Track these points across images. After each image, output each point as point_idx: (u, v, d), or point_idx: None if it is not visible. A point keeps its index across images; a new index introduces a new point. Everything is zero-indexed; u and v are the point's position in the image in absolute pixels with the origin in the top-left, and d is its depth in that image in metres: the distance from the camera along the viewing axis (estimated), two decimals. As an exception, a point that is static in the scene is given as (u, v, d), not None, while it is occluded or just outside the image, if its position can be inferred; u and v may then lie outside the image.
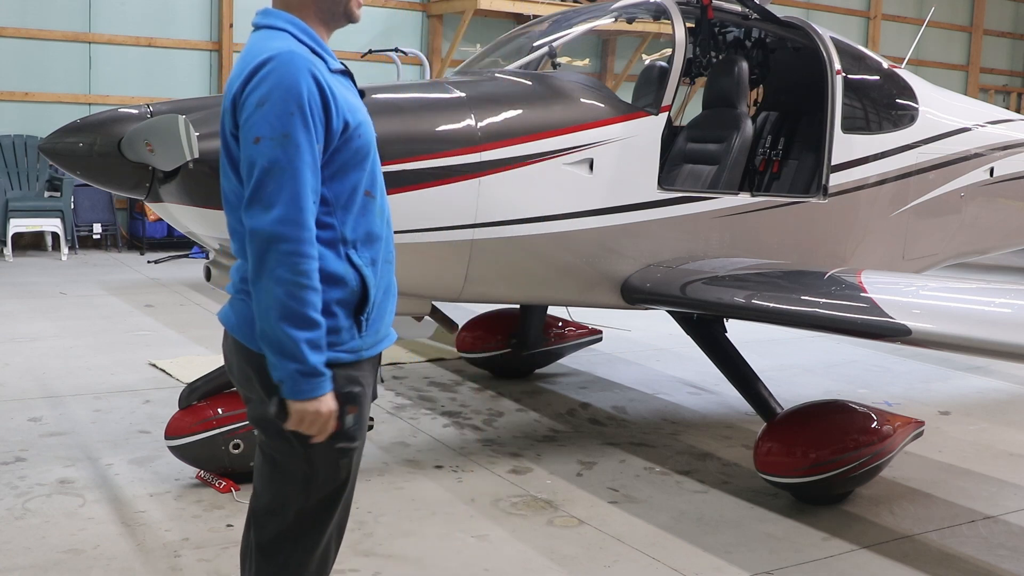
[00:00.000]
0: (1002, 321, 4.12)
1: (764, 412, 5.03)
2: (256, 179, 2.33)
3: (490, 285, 5.00)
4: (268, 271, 2.32)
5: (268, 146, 2.32)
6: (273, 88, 2.34)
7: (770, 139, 6.62)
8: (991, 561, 4.31)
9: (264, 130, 2.33)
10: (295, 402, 2.39)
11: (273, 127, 2.33)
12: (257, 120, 2.34)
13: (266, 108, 2.33)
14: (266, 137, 2.32)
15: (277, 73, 2.35)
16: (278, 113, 2.33)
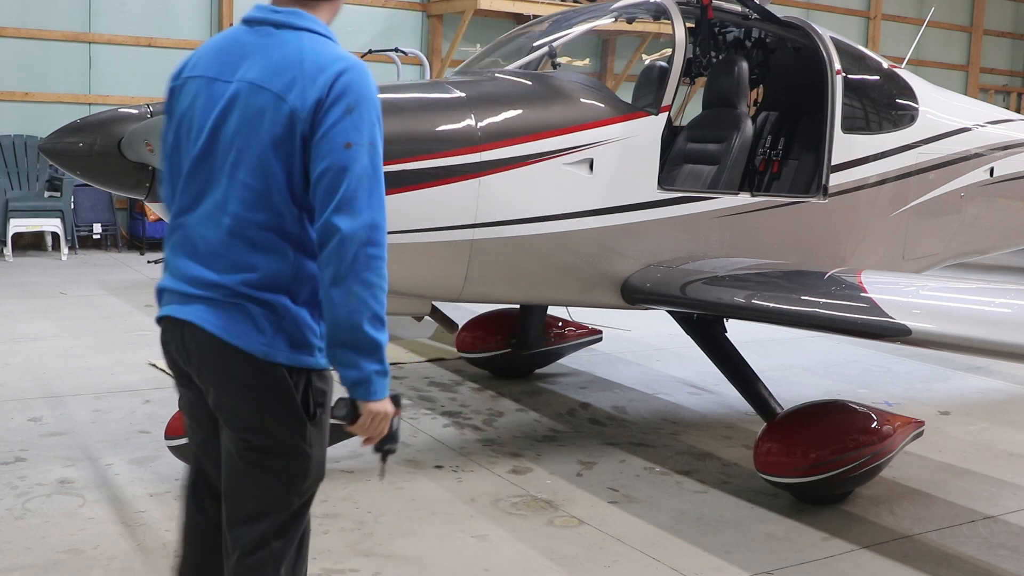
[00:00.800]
0: (1002, 321, 4.12)
1: (764, 412, 5.03)
2: (348, 184, 2.36)
3: (490, 285, 5.00)
4: (356, 274, 2.35)
5: (359, 152, 2.37)
6: (361, 97, 2.39)
7: (770, 139, 6.62)
8: (991, 561, 4.31)
9: (354, 136, 2.37)
10: (370, 403, 2.45)
11: (362, 134, 2.38)
12: (347, 126, 2.37)
13: (355, 115, 2.38)
14: (356, 144, 2.36)
15: (361, 83, 2.41)
16: (366, 121, 2.40)
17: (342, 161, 2.36)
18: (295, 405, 2.51)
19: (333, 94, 2.38)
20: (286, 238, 2.46)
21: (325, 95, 2.38)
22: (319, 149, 2.38)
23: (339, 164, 2.36)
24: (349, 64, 2.42)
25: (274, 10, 2.51)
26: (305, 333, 2.50)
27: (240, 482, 2.60)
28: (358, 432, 2.51)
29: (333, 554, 4.06)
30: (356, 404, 2.46)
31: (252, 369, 2.47)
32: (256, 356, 2.46)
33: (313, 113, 2.38)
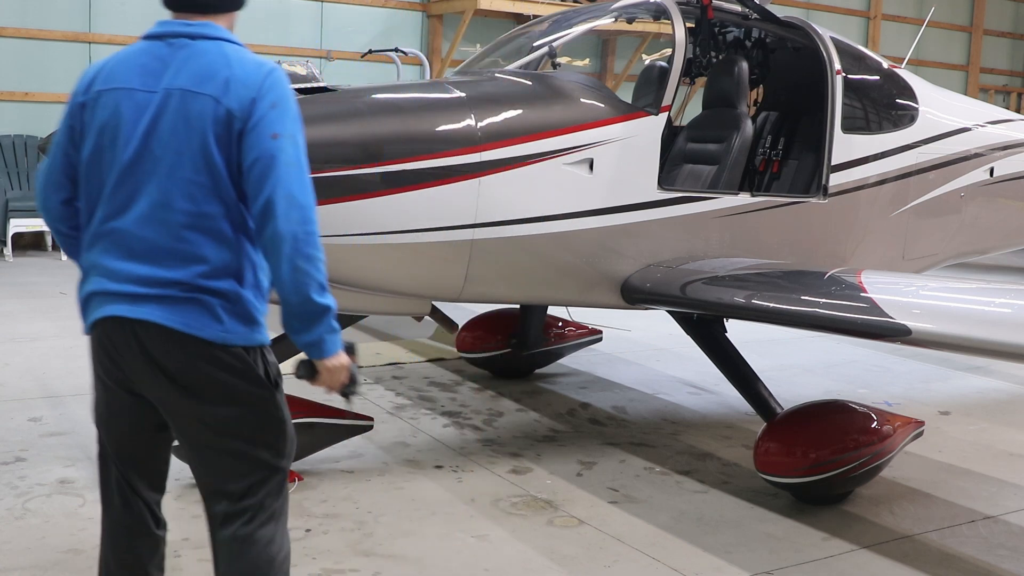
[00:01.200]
0: (1002, 321, 4.12)
1: (764, 412, 5.03)
2: (278, 170, 2.62)
3: (490, 285, 5.00)
4: (299, 251, 2.61)
5: (285, 142, 2.64)
6: (283, 95, 2.68)
7: (770, 139, 6.62)
8: (991, 561, 4.31)
9: (280, 128, 2.64)
10: (325, 360, 2.73)
11: (286, 126, 2.66)
12: (273, 119, 2.64)
13: (279, 110, 2.65)
14: (282, 134, 2.64)
15: (282, 83, 2.70)
16: (289, 115, 2.68)
17: (271, 150, 2.62)
18: (261, 379, 2.75)
19: (262, 93, 2.64)
20: (233, 226, 2.68)
21: (256, 95, 2.64)
22: (249, 141, 2.63)
23: (268, 153, 2.62)
24: (271, 67, 2.72)
25: (185, 24, 2.73)
26: (254, 313, 2.74)
27: (226, 465, 2.78)
28: (322, 386, 2.79)
29: (333, 554, 4.06)
30: (314, 363, 2.74)
31: (216, 355, 2.68)
32: (216, 343, 2.67)
33: (247, 110, 2.63)
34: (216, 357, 2.69)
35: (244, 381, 2.73)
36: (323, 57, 13.77)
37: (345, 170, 4.40)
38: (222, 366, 2.70)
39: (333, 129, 4.49)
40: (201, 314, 2.66)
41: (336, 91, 4.73)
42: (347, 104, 4.70)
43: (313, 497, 4.65)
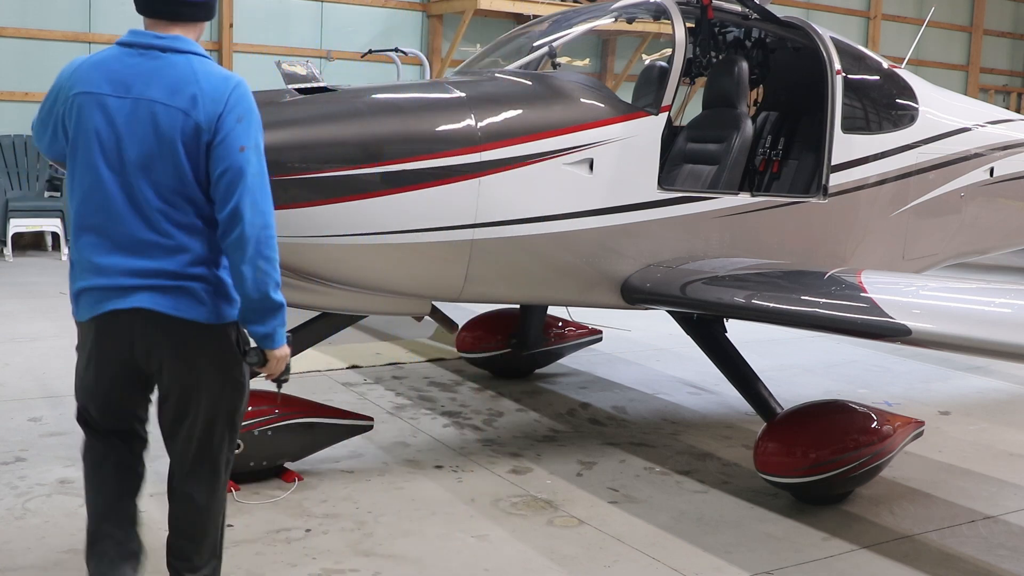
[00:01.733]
0: (1002, 321, 4.12)
1: (764, 412, 5.03)
2: (245, 181, 2.91)
3: (490, 285, 5.00)
4: (259, 253, 2.93)
5: (250, 154, 2.93)
6: (248, 109, 2.96)
7: (770, 139, 6.61)
8: (991, 561, 4.31)
9: (245, 141, 2.92)
10: (274, 350, 3.11)
11: (251, 139, 2.94)
12: (240, 133, 2.92)
13: (244, 124, 2.93)
14: (248, 147, 2.92)
15: (247, 97, 2.97)
16: (254, 128, 2.97)
17: (239, 163, 2.91)
18: (235, 351, 3.13)
19: (228, 107, 2.91)
20: (205, 221, 2.98)
21: (223, 109, 2.90)
22: (218, 153, 2.90)
23: (236, 165, 2.91)
24: (237, 82, 2.97)
25: (157, 36, 2.97)
26: (229, 293, 3.06)
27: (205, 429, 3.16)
28: (266, 372, 3.18)
29: (333, 554, 4.06)
30: (264, 352, 3.12)
31: (203, 334, 3.04)
32: (202, 323, 3.01)
33: (214, 124, 2.90)
34: (204, 335, 3.04)
35: (223, 354, 3.10)
36: (323, 57, 13.76)
37: (345, 170, 4.40)
38: (208, 343, 3.06)
39: (333, 129, 4.49)
40: (187, 299, 2.99)
41: (336, 91, 4.73)
42: (347, 104, 4.70)
43: (313, 497, 4.65)
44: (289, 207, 4.34)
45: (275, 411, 4.75)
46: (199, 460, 3.21)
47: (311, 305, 4.82)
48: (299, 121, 4.45)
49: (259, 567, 3.92)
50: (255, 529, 4.27)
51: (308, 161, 4.34)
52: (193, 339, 3.04)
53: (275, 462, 4.82)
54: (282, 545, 4.13)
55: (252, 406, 4.70)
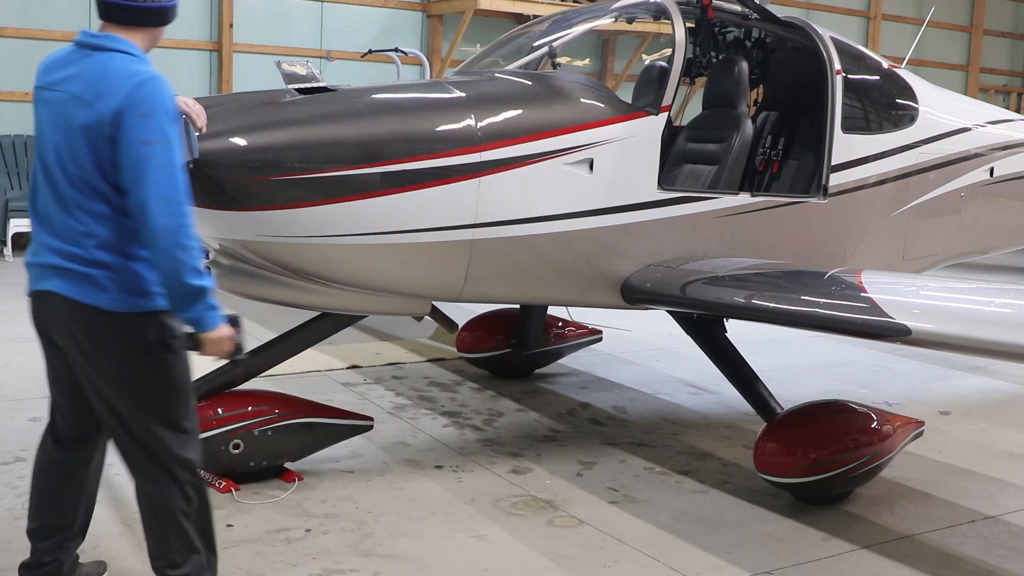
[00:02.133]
0: (1002, 321, 4.11)
1: (764, 412, 5.03)
2: (149, 172, 3.00)
3: (490, 285, 5.00)
4: (174, 242, 3.01)
5: (156, 147, 3.01)
6: (154, 103, 3.04)
7: (770, 139, 6.61)
8: (991, 561, 4.31)
9: (149, 134, 3.01)
10: (206, 333, 3.16)
11: (155, 132, 3.02)
12: (144, 127, 3.00)
13: (149, 119, 3.01)
14: (153, 140, 3.00)
15: (154, 91, 3.05)
16: (158, 122, 3.03)
17: (142, 156, 3.00)
18: (148, 341, 3.18)
19: (132, 103, 3.01)
20: (114, 210, 3.10)
21: (125, 104, 3.01)
22: (121, 147, 3.02)
23: (136, 158, 3.00)
24: (146, 78, 3.06)
25: (93, 35, 3.17)
26: (141, 283, 3.15)
27: (120, 423, 3.24)
28: (208, 355, 3.24)
29: (333, 554, 4.06)
30: (196, 336, 3.17)
31: (109, 322, 3.14)
32: (106, 310, 3.12)
33: (116, 116, 3.01)
34: (110, 323, 3.14)
35: (134, 342, 3.17)
36: (323, 57, 13.76)
37: (345, 170, 4.40)
38: (116, 331, 3.15)
39: (333, 129, 4.49)
40: (88, 284, 3.13)
41: (336, 91, 4.73)
42: (347, 104, 4.70)
43: (313, 497, 4.65)
44: (289, 207, 4.34)
45: (275, 411, 4.76)
46: (128, 452, 3.29)
47: (311, 305, 4.82)
48: (299, 121, 4.45)
49: (259, 567, 3.92)
50: (255, 529, 4.27)
51: (308, 161, 4.34)
52: (98, 326, 3.15)
53: (275, 462, 4.82)
54: (282, 545, 4.13)
55: (252, 406, 4.73)
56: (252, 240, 4.42)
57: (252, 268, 4.59)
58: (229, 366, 3.52)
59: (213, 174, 4.16)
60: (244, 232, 4.40)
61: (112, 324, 3.15)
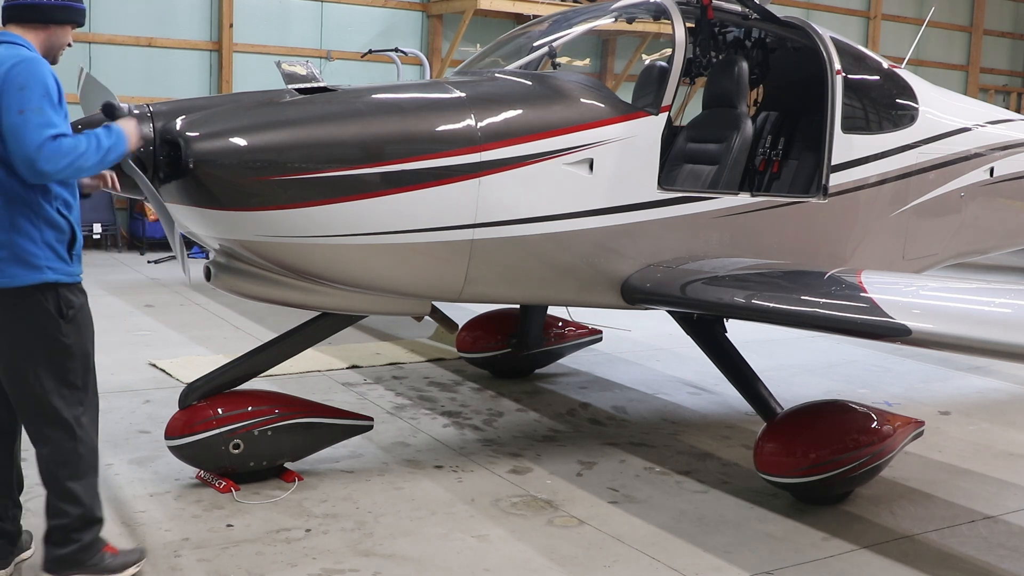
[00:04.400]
0: (1002, 321, 4.11)
1: (764, 412, 5.03)
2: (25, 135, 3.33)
3: (490, 285, 5.00)
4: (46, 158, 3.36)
5: (31, 115, 3.34)
6: (29, 78, 3.38)
7: (770, 139, 6.61)
8: (991, 561, 4.31)
9: (26, 105, 3.35)
10: (125, 146, 3.64)
11: (32, 103, 3.36)
12: (20, 98, 3.35)
13: (26, 91, 3.35)
14: (28, 109, 3.34)
15: (29, 69, 3.39)
16: (36, 94, 3.37)
17: (19, 123, 3.33)
18: (46, 313, 3.49)
19: (9, 79, 3.37)
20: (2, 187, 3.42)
21: (3, 81, 3.37)
22: (3, 119, 3.37)
23: (16, 123, 3.34)
24: (23, 58, 3.43)
25: None
26: (32, 258, 3.45)
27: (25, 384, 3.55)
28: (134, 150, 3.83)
29: (333, 554, 4.06)
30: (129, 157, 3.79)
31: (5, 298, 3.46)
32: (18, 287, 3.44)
33: None
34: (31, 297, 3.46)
35: (26, 317, 3.47)
36: (323, 57, 13.77)
37: (345, 170, 4.40)
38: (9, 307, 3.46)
39: (333, 129, 4.49)
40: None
41: (336, 91, 4.73)
42: (347, 104, 4.70)
43: (313, 497, 4.65)
44: (289, 207, 4.34)
45: (275, 411, 4.76)
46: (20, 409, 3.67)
47: (311, 305, 4.82)
48: (299, 121, 4.45)
49: (259, 567, 3.92)
50: (255, 529, 4.27)
51: (308, 161, 4.34)
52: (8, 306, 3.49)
53: (275, 462, 4.82)
54: (282, 545, 4.13)
55: (252, 406, 4.73)
56: (252, 240, 4.42)
57: (252, 268, 4.59)
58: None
59: (213, 174, 4.16)
60: (244, 232, 4.40)
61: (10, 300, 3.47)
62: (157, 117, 4.41)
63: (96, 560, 3.67)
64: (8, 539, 3.77)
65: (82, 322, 3.63)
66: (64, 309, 3.54)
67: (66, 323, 3.55)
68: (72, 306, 3.57)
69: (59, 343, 3.55)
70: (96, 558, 3.67)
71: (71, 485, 3.63)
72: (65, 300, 3.55)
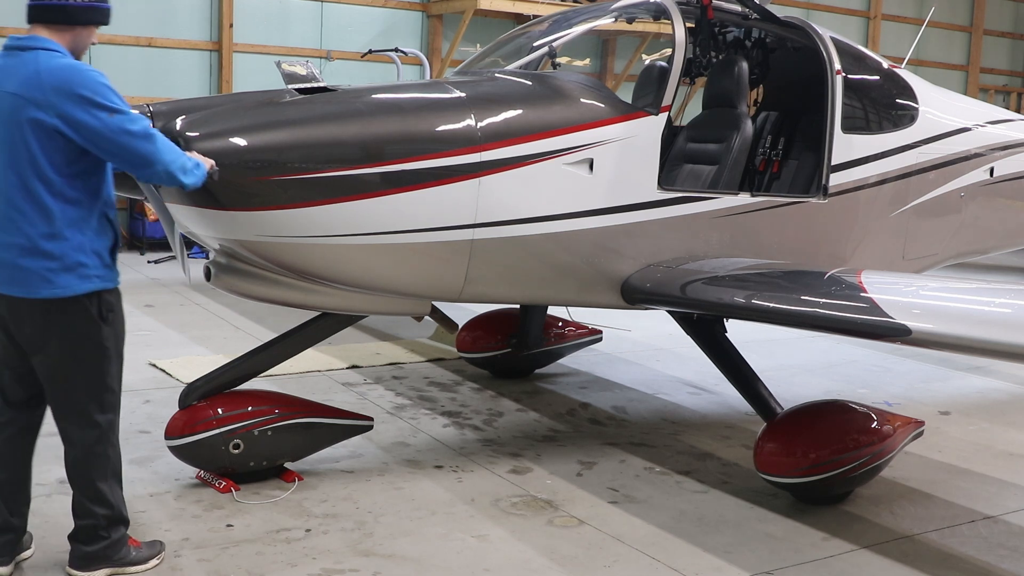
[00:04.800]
0: (1002, 321, 4.11)
1: (764, 412, 5.03)
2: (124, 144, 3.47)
3: (490, 285, 5.00)
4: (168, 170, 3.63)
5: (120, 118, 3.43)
6: (92, 85, 3.42)
7: (770, 139, 6.61)
8: (991, 561, 4.31)
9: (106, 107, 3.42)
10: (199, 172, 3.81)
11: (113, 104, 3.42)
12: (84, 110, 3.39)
13: (93, 101, 3.39)
14: (116, 111, 3.42)
15: (88, 75, 3.43)
16: (106, 104, 3.41)
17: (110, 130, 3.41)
18: (90, 318, 3.58)
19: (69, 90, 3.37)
20: (53, 197, 3.44)
21: (64, 92, 3.37)
22: (87, 136, 3.41)
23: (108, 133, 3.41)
24: (77, 68, 3.45)
25: (19, 39, 3.59)
26: (82, 268, 3.52)
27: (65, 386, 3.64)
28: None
29: (333, 554, 4.06)
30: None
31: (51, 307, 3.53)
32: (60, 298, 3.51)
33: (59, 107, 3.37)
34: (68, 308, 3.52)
35: (75, 323, 3.54)
36: (323, 57, 13.76)
37: (345, 170, 4.40)
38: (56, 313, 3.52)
39: (333, 129, 4.49)
40: (42, 277, 3.47)
41: (336, 91, 4.73)
42: (347, 104, 4.70)
43: (313, 497, 4.65)
44: (289, 207, 4.34)
45: (275, 411, 4.76)
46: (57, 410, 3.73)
47: (311, 305, 4.82)
48: (299, 121, 4.45)
49: (259, 567, 3.92)
50: (255, 529, 4.27)
51: (308, 161, 4.34)
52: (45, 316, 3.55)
53: (275, 462, 4.82)
54: (282, 545, 4.13)
55: (252, 406, 4.73)
56: (252, 240, 4.42)
57: (252, 268, 4.59)
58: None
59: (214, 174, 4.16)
60: (244, 232, 4.40)
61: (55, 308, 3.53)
62: (157, 117, 4.42)
63: (123, 554, 3.77)
64: (15, 535, 3.80)
65: (118, 325, 3.72)
66: (105, 313, 3.63)
67: (106, 326, 3.63)
68: (112, 309, 3.66)
69: (100, 347, 3.63)
70: (123, 552, 3.77)
71: (101, 486, 3.71)
72: (107, 304, 3.64)
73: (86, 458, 3.70)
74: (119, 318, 3.72)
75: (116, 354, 3.71)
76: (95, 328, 3.60)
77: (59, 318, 3.55)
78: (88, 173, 3.53)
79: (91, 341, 3.61)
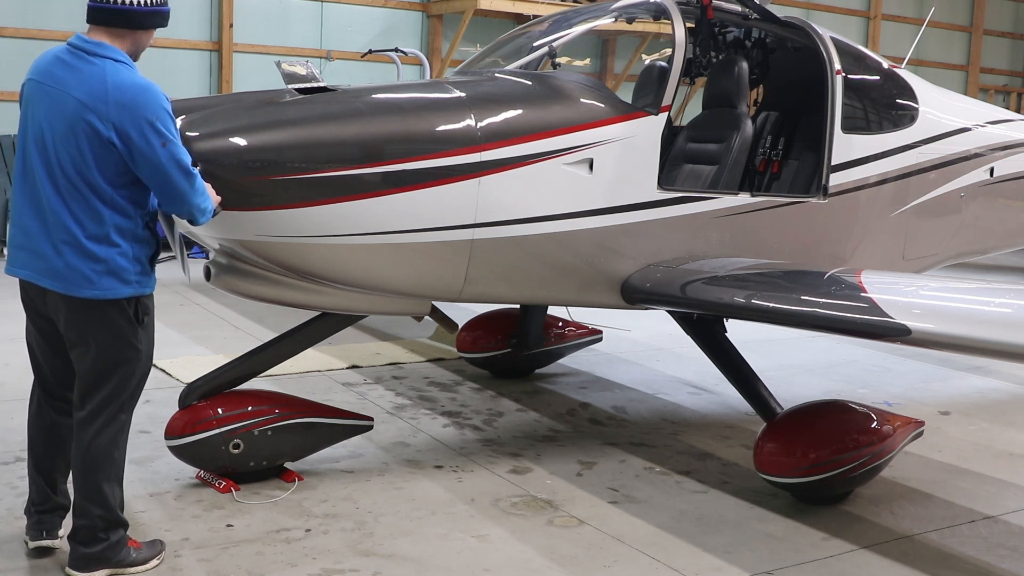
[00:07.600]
0: (1002, 321, 4.11)
1: (764, 412, 5.03)
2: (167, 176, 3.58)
3: (490, 285, 5.00)
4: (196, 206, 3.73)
5: (172, 148, 3.53)
6: (158, 112, 3.50)
7: (770, 139, 6.61)
8: (991, 561, 4.31)
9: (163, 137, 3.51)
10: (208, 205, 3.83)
11: (164, 136, 3.51)
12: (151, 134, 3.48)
13: (155, 127, 3.48)
14: (168, 143, 3.51)
15: (152, 100, 3.50)
16: (164, 131, 3.50)
17: (159, 159, 3.49)
18: (128, 320, 3.67)
19: (137, 108, 3.45)
20: (103, 202, 3.53)
21: (130, 111, 3.44)
22: (135, 157, 3.49)
23: (156, 161, 3.49)
24: (145, 87, 3.51)
25: (86, 40, 3.58)
26: (124, 272, 3.61)
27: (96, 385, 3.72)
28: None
29: (333, 554, 4.06)
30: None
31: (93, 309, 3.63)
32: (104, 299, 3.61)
33: (120, 124, 3.45)
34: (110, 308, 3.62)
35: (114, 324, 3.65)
36: (323, 57, 13.77)
37: (345, 170, 4.40)
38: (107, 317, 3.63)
39: (333, 129, 4.49)
40: (80, 278, 3.56)
41: (336, 91, 4.73)
42: (347, 104, 4.70)
43: (313, 497, 4.65)
44: (289, 207, 4.34)
45: (275, 411, 4.76)
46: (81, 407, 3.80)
47: (311, 305, 4.83)
48: (299, 121, 4.45)
49: (259, 567, 3.92)
50: (255, 529, 4.27)
51: (308, 161, 4.34)
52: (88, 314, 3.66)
53: (275, 462, 4.82)
54: (282, 545, 4.13)
55: (252, 406, 4.73)
56: (252, 240, 4.43)
57: (252, 268, 4.59)
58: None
59: (213, 174, 4.16)
60: (244, 232, 4.40)
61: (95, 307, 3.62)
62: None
63: (123, 556, 3.78)
64: (59, 513, 3.96)
65: (151, 329, 3.81)
66: (141, 316, 3.72)
67: (141, 329, 3.73)
68: (148, 312, 3.76)
69: (133, 349, 3.72)
70: (123, 553, 3.78)
71: (103, 488, 3.73)
72: (143, 307, 3.73)
73: (95, 457, 3.73)
74: (152, 322, 3.80)
75: (147, 356, 3.79)
76: (132, 329, 3.69)
77: (97, 316, 3.63)
78: (136, 183, 3.60)
79: (126, 342, 3.69)
